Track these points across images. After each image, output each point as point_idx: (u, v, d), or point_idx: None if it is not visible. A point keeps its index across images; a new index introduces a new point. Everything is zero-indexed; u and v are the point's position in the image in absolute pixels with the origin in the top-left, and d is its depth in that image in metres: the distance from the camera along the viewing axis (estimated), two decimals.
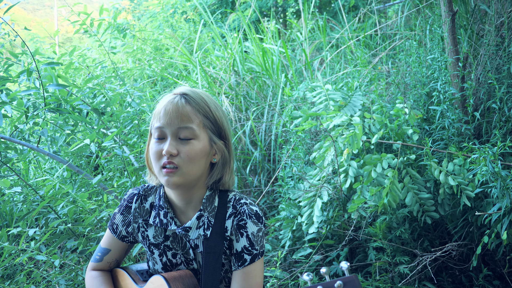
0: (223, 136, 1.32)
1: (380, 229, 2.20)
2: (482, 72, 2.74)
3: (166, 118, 1.23)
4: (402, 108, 2.35)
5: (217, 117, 1.30)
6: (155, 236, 1.37)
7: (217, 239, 1.29)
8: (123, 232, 1.42)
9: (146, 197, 1.40)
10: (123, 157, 2.47)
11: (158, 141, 1.25)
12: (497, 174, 1.83)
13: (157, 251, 1.38)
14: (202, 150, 1.25)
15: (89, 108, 2.61)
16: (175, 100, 1.25)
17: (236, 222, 1.30)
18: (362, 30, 4.46)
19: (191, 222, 1.30)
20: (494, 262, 2.27)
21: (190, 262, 1.36)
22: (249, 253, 1.29)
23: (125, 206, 1.42)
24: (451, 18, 2.57)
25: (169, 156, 1.22)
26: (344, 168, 2.31)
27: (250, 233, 1.29)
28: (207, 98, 1.30)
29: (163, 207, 1.34)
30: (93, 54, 5.39)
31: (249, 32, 4.10)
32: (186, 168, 1.23)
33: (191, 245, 1.33)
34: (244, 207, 1.31)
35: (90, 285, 1.45)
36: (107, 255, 1.46)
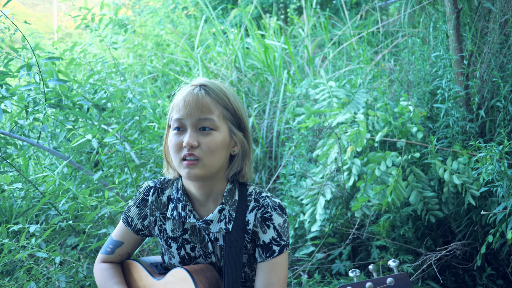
0: (242, 127, 1.30)
1: (383, 228, 2.18)
2: (486, 70, 2.72)
3: (186, 109, 1.21)
4: (406, 106, 2.33)
5: (236, 108, 1.28)
6: (173, 230, 1.34)
7: (238, 233, 1.28)
8: (138, 225, 1.40)
9: (163, 190, 1.37)
10: (124, 154, 2.45)
11: (177, 133, 1.23)
12: (503, 173, 1.81)
13: (175, 245, 1.35)
14: (222, 141, 1.23)
15: (90, 103, 2.59)
16: (194, 91, 1.23)
17: (260, 215, 1.29)
18: (364, 27, 4.44)
19: (212, 215, 1.28)
20: (497, 261, 2.25)
21: (209, 256, 1.34)
22: (278, 244, 1.28)
23: (141, 199, 1.39)
24: (456, 16, 2.54)
25: (189, 148, 1.20)
26: (348, 166, 2.30)
27: (277, 224, 1.28)
28: (226, 89, 1.29)
29: (181, 200, 1.32)
30: (94, 49, 5.36)
31: (251, 28, 4.08)
32: (207, 159, 1.21)
33: (210, 239, 1.32)
34: (267, 200, 1.30)
35: (101, 278, 1.42)
36: (119, 248, 1.43)
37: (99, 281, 1.43)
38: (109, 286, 1.39)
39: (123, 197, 2.49)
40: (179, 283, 1.27)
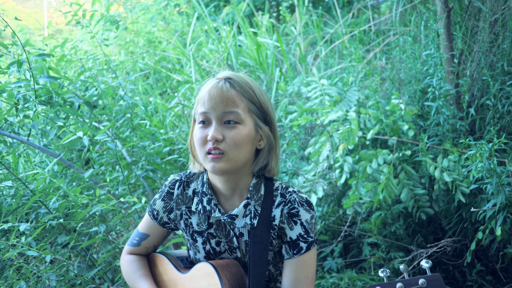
0: (268, 121, 1.28)
1: (375, 225, 2.20)
2: (476, 69, 2.75)
3: (210, 102, 1.19)
4: (397, 104, 2.35)
5: (262, 102, 1.26)
6: (199, 224, 1.33)
7: (263, 229, 1.26)
8: (164, 218, 1.39)
9: (189, 183, 1.36)
10: (116, 151, 2.44)
11: (202, 127, 1.22)
12: (492, 170, 1.83)
13: (200, 239, 1.34)
14: (248, 135, 1.21)
15: (81, 101, 2.57)
16: (219, 84, 1.21)
17: (287, 210, 1.26)
18: (356, 25, 4.45)
19: (238, 210, 1.27)
20: (487, 257, 2.28)
21: (234, 250, 1.32)
22: (305, 241, 1.26)
23: (166, 192, 1.38)
24: (446, 14, 2.56)
25: (214, 142, 1.18)
26: (340, 163, 2.31)
27: (304, 220, 1.26)
28: (251, 82, 1.27)
29: (206, 194, 1.30)
30: (85, 46, 5.31)
31: (243, 26, 4.07)
32: (232, 153, 1.19)
33: (235, 233, 1.30)
34: (294, 195, 1.27)
35: (127, 269, 1.42)
36: (145, 240, 1.43)
37: (125, 273, 1.43)
38: (135, 278, 1.39)
39: (114, 195, 2.48)
40: (204, 278, 1.26)
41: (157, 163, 2.82)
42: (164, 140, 3.08)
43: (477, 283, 2.18)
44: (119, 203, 2.30)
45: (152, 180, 2.93)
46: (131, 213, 2.23)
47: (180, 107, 3.60)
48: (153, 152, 2.89)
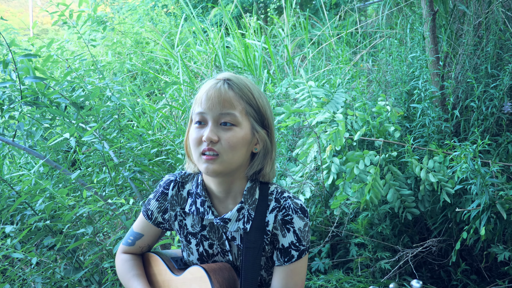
0: (266, 125, 1.26)
1: (362, 225, 2.22)
2: (460, 71, 2.79)
3: (207, 103, 1.18)
4: (384, 106, 2.37)
5: (260, 105, 1.24)
6: (193, 225, 1.32)
7: (257, 234, 1.24)
8: (159, 218, 1.38)
9: (184, 184, 1.35)
10: (103, 152, 2.42)
11: (198, 127, 1.20)
12: (476, 171, 1.86)
13: (194, 241, 1.33)
14: (243, 138, 1.20)
15: (68, 101, 2.54)
16: (217, 85, 1.20)
17: (281, 217, 1.25)
18: (343, 27, 4.49)
19: (231, 214, 1.26)
20: (471, 257, 2.32)
21: (226, 253, 1.31)
22: (297, 249, 1.24)
23: (160, 193, 1.37)
24: (432, 18, 2.60)
25: (209, 143, 1.17)
26: (327, 164, 2.32)
27: (297, 228, 1.24)
28: (250, 85, 1.25)
29: (200, 195, 1.29)
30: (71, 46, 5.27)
31: (231, 27, 4.08)
32: (226, 155, 1.18)
33: (227, 237, 1.29)
34: (289, 201, 1.25)
35: (121, 268, 1.42)
36: (139, 240, 1.42)
37: (119, 272, 1.43)
38: (129, 277, 1.38)
39: (101, 196, 2.46)
40: (196, 282, 1.25)
41: (144, 164, 2.81)
42: (151, 141, 3.07)
43: (462, 282, 2.22)
44: (106, 204, 2.29)
45: (140, 182, 2.92)
46: (118, 215, 2.22)
47: (167, 108, 3.59)
48: (141, 153, 2.88)
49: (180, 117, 3.61)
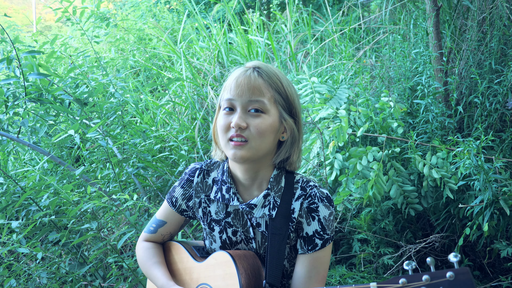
0: (294, 113, 1.27)
1: (364, 221, 2.22)
2: (464, 67, 2.79)
3: (237, 90, 1.19)
4: (387, 102, 2.37)
5: (288, 93, 1.25)
6: (217, 212, 1.34)
7: (282, 221, 1.25)
8: (183, 205, 1.40)
9: (209, 172, 1.37)
10: (107, 149, 2.43)
11: (226, 113, 1.22)
12: (480, 167, 1.86)
13: (217, 228, 1.34)
14: (271, 125, 1.20)
15: (71, 98, 2.56)
16: (247, 72, 1.21)
17: (306, 205, 1.26)
18: (346, 23, 4.48)
19: (257, 200, 1.27)
20: (474, 253, 2.32)
21: (250, 241, 1.32)
22: (321, 238, 1.25)
23: (186, 180, 1.39)
24: (435, 13, 2.59)
25: (237, 129, 1.18)
26: (330, 160, 2.33)
27: (322, 217, 1.25)
28: (280, 74, 1.26)
29: (226, 182, 1.31)
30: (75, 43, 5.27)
31: (234, 24, 4.07)
32: (254, 142, 1.19)
33: (252, 224, 1.30)
34: (315, 190, 1.26)
35: (142, 255, 1.43)
36: (162, 227, 1.43)
37: (140, 259, 1.44)
38: (150, 265, 1.39)
39: (105, 192, 2.48)
40: (221, 267, 1.26)
41: (148, 160, 2.82)
42: (155, 138, 3.08)
43: None
44: (110, 200, 2.30)
45: (143, 178, 2.93)
46: (122, 210, 2.23)
47: (170, 105, 3.59)
48: (144, 149, 2.89)
49: (183, 113, 3.62)
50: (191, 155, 2.95)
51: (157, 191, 3.00)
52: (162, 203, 1.48)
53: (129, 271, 2.21)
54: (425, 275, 0.87)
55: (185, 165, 2.97)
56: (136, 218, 2.36)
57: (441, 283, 0.85)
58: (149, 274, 1.39)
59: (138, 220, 2.54)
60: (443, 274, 0.85)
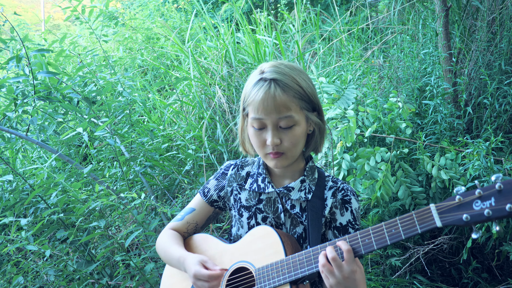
0: (316, 108, 1.32)
1: (372, 222, 2.21)
2: (473, 68, 2.77)
3: (265, 110, 1.22)
4: (395, 102, 2.36)
5: (309, 94, 1.28)
6: (248, 199, 1.40)
7: (318, 202, 1.33)
8: (214, 196, 1.46)
9: (243, 166, 1.46)
10: (115, 147, 2.44)
11: (257, 131, 1.27)
12: (489, 168, 1.85)
13: (246, 213, 1.40)
14: (302, 132, 1.27)
15: (80, 96, 2.57)
16: (270, 90, 1.21)
17: (340, 196, 1.34)
18: (354, 23, 4.46)
19: (294, 184, 1.34)
20: (483, 255, 2.30)
21: (280, 227, 1.36)
22: (353, 227, 1.32)
23: (221, 173, 1.47)
24: (445, 13, 2.58)
25: (274, 147, 1.25)
26: (338, 161, 2.32)
27: (354, 208, 1.33)
28: (296, 75, 1.26)
29: (261, 174, 1.40)
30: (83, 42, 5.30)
31: (242, 23, 4.07)
32: (290, 152, 1.26)
33: (285, 208, 1.35)
34: (346, 185, 1.36)
35: (162, 239, 1.47)
36: (189, 215, 1.48)
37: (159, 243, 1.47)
38: (168, 245, 1.42)
39: (113, 190, 2.49)
40: (261, 240, 1.29)
41: (155, 159, 2.83)
42: (162, 137, 3.09)
43: (473, 281, 2.20)
44: (118, 198, 2.31)
45: (150, 176, 2.94)
46: (130, 209, 2.24)
47: (178, 104, 3.60)
48: (152, 148, 2.90)
49: (191, 113, 3.63)
50: (198, 154, 2.96)
51: (164, 190, 3.01)
52: (169, 202, 1.50)
53: (136, 269, 2.22)
54: (477, 189, 0.96)
55: (193, 164, 2.97)
56: (143, 217, 2.37)
57: (492, 194, 0.95)
58: (167, 253, 1.42)
59: (145, 218, 2.55)
60: (493, 186, 0.95)
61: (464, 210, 0.97)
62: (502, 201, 0.93)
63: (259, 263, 1.26)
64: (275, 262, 1.22)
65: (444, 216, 0.99)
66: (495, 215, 0.94)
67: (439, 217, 0.99)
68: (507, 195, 0.93)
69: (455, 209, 0.99)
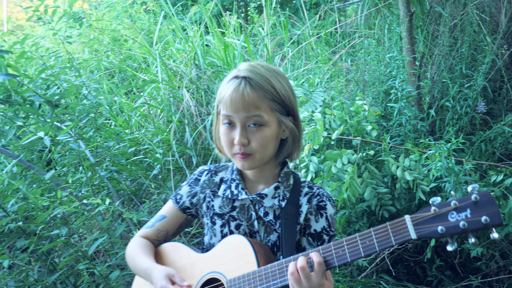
0: (291, 112, 1.29)
1: (339, 223, 2.23)
2: (436, 71, 2.84)
3: (233, 107, 1.20)
4: (361, 105, 2.39)
5: (283, 96, 1.25)
6: (221, 206, 1.36)
7: (292, 209, 1.29)
8: (186, 203, 1.41)
9: (217, 172, 1.41)
10: (79, 152, 2.38)
11: (228, 128, 1.24)
12: (451, 169, 1.90)
13: (219, 221, 1.35)
14: (272, 135, 1.23)
15: (42, 100, 2.49)
16: (240, 87, 1.20)
17: (315, 202, 1.31)
18: (323, 27, 4.52)
19: (268, 190, 1.30)
20: (446, 253, 2.36)
21: (254, 235, 1.32)
22: (327, 234, 1.30)
23: (194, 179, 1.43)
24: (409, 19, 2.64)
25: (240, 147, 1.21)
26: (305, 163, 2.33)
27: (329, 214, 1.30)
28: (271, 76, 1.24)
29: (235, 180, 1.35)
30: (47, 43, 5.15)
31: (211, 26, 4.05)
32: (259, 154, 1.23)
33: (258, 216, 1.31)
34: (322, 190, 1.33)
35: (130, 247, 1.41)
36: (160, 222, 1.43)
37: (127, 252, 1.41)
38: (136, 254, 1.37)
39: (77, 196, 2.42)
40: (234, 250, 1.25)
41: (122, 163, 2.77)
42: (129, 140, 3.03)
43: (437, 278, 2.26)
44: (82, 205, 2.25)
45: (117, 181, 2.87)
46: (94, 215, 2.18)
47: (146, 107, 3.54)
48: (118, 152, 2.84)
49: (159, 116, 3.58)
50: (166, 158, 2.91)
51: (131, 195, 2.95)
52: (137, 207, 1.46)
53: (101, 277, 2.16)
54: (453, 200, 0.96)
55: (160, 168, 2.93)
56: (109, 223, 2.31)
57: (468, 205, 0.95)
58: (134, 263, 1.36)
59: (111, 225, 2.48)
60: (469, 197, 0.95)
61: (440, 221, 0.96)
62: (478, 212, 0.93)
63: (231, 274, 1.22)
64: (247, 274, 1.18)
65: (419, 228, 0.98)
66: (471, 227, 0.93)
67: (414, 229, 0.98)
68: (483, 207, 0.93)
69: (430, 220, 0.98)
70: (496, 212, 0.92)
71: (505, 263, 2.10)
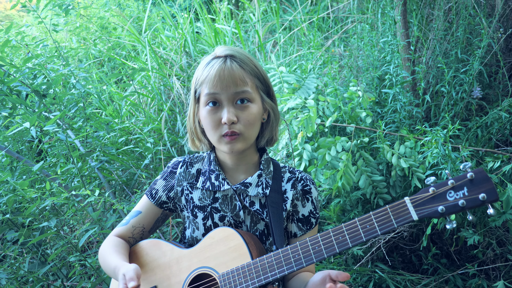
0: (271, 94, 1.29)
1: (334, 212, 2.21)
2: (431, 56, 2.80)
3: (221, 84, 1.17)
4: (355, 91, 2.35)
5: (264, 76, 1.26)
6: (201, 199, 1.32)
7: (277, 196, 1.28)
8: (163, 197, 1.37)
9: (192, 163, 1.37)
10: (67, 142, 2.32)
11: (212, 109, 1.20)
12: (447, 156, 1.87)
13: (201, 214, 1.31)
14: (258, 112, 1.23)
15: (29, 89, 2.42)
16: (227, 64, 1.18)
17: (301, 187, 1.31)
18: (315, 12, 4.45)
19: (251, 179, 1.28)
20: (442, 241, 2.35)
21: (239, 225, 1.29)
22: (314, 217, 1.33)
23: (169, 172, 1.38)
24: (403, 2, 2.59)
25: (230, 125, 1.18)
26: (299, 151, 2.30)
27: (314, 197, 1.32)
28: (251, 57, 1.26)
29: (214, 171, 1.31)
30: (33, 32, 5.03)
31: (201, 12, 3.98)
32: (247, 133, 1.21)
33: (244, 205, 1.29)
34: (303, 174, 1.34)
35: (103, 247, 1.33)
36: (135, 218, 1.37)
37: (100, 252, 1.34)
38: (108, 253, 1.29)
39: (66, 187, 2.37)
40: (223, 242, 1.21)
41: (112, 153, 2.72)
42: (120, 130, 2.98)
43: (433, 266, 2.25)
44: (72, 196, 2.20)
45: (108, 172, 2.83)
46: (84, 206, 2.14)
47: (136, 96, 3.48)
48: (108, 142, 2.79)
49: (149, 105, 3.52)
50: (158, 148, 2.87)
51: (123, 185, 2.90)
52: (128, 197, 1.41)
53: (92, 269, 2.13)
54: (450, 180, 0.98)
55: (152, 158, 2.88)
56: (100, 214, 2.27)
57: (464, 183, 0.97)
58: (105, 263, 1.28)
59: (102, 216, 2.45)
60: (464, 176, 0.97)
61: (439, 201, 0.98)
62: (475, 190, 0.95)
63: (223, 268, 1.18)
64: (241, 266, 1.15)
65: (420, 209, 0.98)
66: (470, 205, 0.95)
67: (414, 210, 0.98)
68: (479, 184, 0.95)
69: (429, 201, 0.99)
70: (492, 188, 0.94)
71: (502, 250, 2.09)
